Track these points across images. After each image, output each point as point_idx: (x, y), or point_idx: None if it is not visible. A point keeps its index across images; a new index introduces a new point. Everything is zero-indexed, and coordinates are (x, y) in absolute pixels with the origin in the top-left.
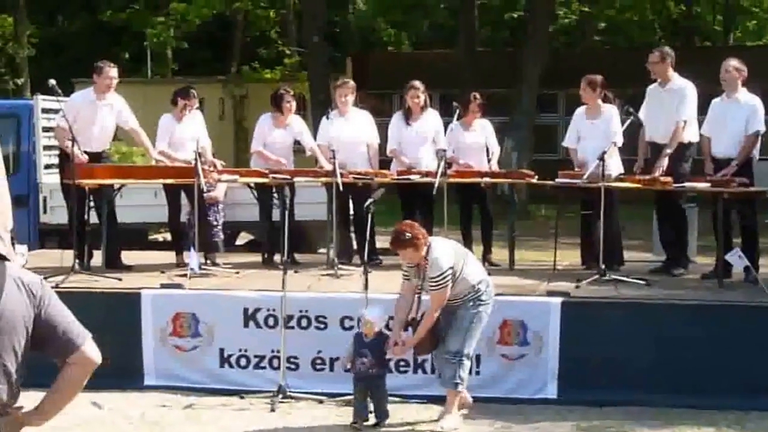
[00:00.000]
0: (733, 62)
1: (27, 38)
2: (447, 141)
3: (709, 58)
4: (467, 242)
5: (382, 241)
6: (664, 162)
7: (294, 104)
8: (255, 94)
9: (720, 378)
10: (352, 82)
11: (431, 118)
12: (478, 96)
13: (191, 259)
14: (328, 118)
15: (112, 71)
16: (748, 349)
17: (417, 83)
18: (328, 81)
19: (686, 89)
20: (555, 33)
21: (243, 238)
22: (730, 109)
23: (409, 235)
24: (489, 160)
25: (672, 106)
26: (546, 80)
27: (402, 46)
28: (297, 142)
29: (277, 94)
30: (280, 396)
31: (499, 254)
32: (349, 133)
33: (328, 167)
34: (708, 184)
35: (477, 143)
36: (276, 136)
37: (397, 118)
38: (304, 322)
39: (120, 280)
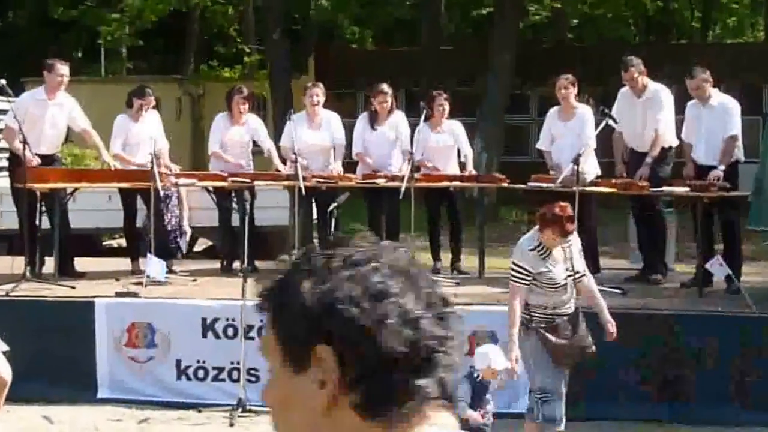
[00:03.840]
0: (696, 79)
1: None
2: (415, 143)
3: (686, 55)
4: (434, 248)
5: None
6: (646, 171)
7: (246, 105)
8: (213, 94)
9: (700, 389)
10: (321, 85)
11: (397, 120)
12: (443, 93)
13: (148, 266)
14: (290, 119)
15: (64, 69)
16: (728, 360)
17: (385, 87)
18: (288, 80)
19: (661, 94)
20: (525, 29)
21: (201, 245)
22: (704, 116)
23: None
24: (462, 164)
25: (649, 115)
26: (517, 80)
27: (366, 43)
28: (257, 144)
29: (229, 93)
30: (240, 410)
31: (468, 261)
32: (317, 138)
33: (284, 169)
34: (687, 189)
35: (446, 145)
36: (233, 134)
37: (362, 121)
38: None
39: (73, 288)
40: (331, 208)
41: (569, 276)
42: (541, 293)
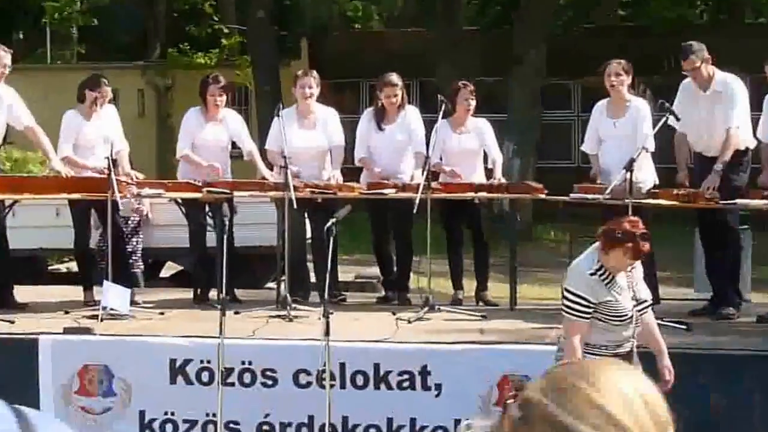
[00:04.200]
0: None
1: None
2: (432, 145)
3: (762, 38)
4: (455, 274)
5: (347, 272)
6: (716, 180)
7: (224, 98)
8: (184, 85)
9: None
10: (315, 74)
11: (410, 117)
12: (468, 84)
13: (105, 296)
14: (278, 116)
15: (5, 57)
16: None
17: (394, 78)
18: (276, 67)
19: (732, 86)
20: (566, 6)
21: (169, 269)
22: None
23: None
24: (490, 171)
25: (717, 112)
26: (555, 67)
27: (371, 22)
28: (237, 146)
29: (203, 83)
30: None
31: (497, 290)
32: (311, 140)
33: (270, 177)
34: (766, 201)
35: (470, 148)
36: (207, 133)
37: (367, 120)
38: (247, 378)
39: (12, 322)
40: (328, 224)
41: (635, 306)
42: (604, 328)
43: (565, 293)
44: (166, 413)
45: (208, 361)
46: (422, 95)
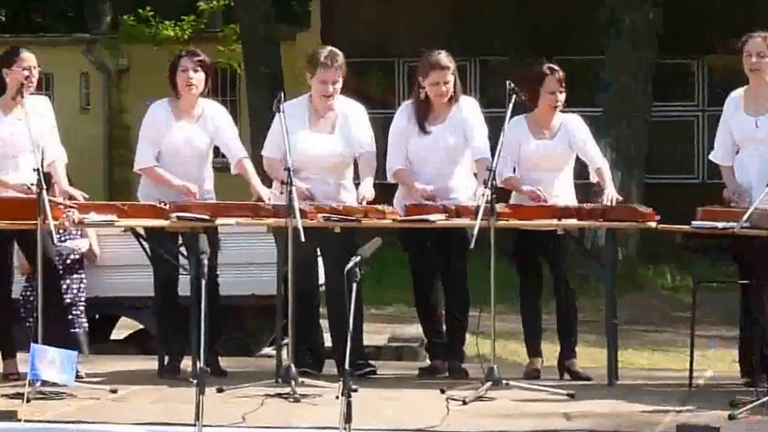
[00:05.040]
0: None
1: None
2: (498, 151)
3: None
4: (531, 335)
5: (377, 332)
6: None
7: (200, 75)
8: (144, 67)
9: None
10: (341, 58)
11: (467, 113)
12: (557, 69)
13: (34, 365)
14: (279, 110)
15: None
16: None
17: (444, 58)
18: (276, 41)
19: None
20: None
21: (124, 329)
22: None
23: None
24: (585, 185)
25: None
26: (670, 40)
27: None
28: (219, 152)
29: (173, 64)
30: None
31: (589, 357)
32: (327, 145)
33: (267, 197)
34: None
35: (557, 156)
36: (178, 135)
37: (404, 117)
38: None
39: None
40: (350, 265)
41: None
42: None
43: None
44: None
45: None
46: (482, 82)
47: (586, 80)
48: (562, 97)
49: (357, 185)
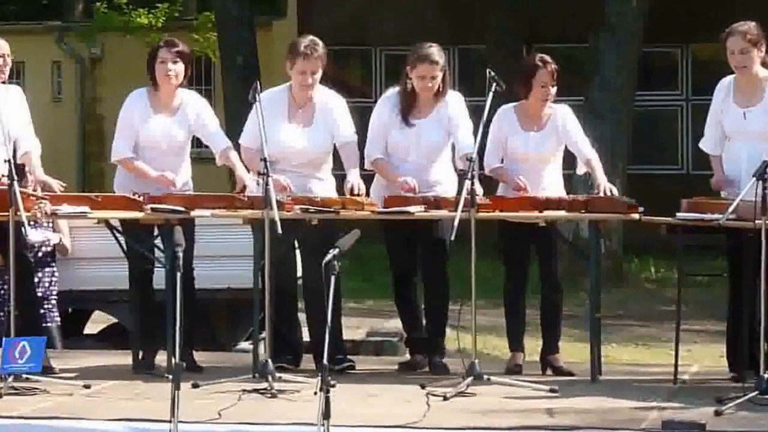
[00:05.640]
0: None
1: None
2: (478, 140)
3: None
4: (513, 328)
5: (355, 327)
6: None
7: (179, 65)
8: (118, 56)
9: None
10: (321, 48)
11: (452, 110)
12: (549, 61)
13: (5, 360)
14: (255, 100)
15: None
16: None
17: (435, 53)
18: (252, 29)
19: None
20: None
21: (97, 323)
22: None
23: None
24: (590, 177)
25: None
26: (655, 29)
27: None
28: (200, 142)
29: (152, 54)
30: None
31: (573, 352)
32: (306, 137)
33: (253, 186)
34: None
35: (547, 150)
36: (156, 127)
37: (388, 107)
38: None
39: None
40: (327, 258)
41: None
42: None
43: None
44: None
45: None
46: (461, 71)
47: (568, 69)
48: (553, 90)
49: (336, 177)
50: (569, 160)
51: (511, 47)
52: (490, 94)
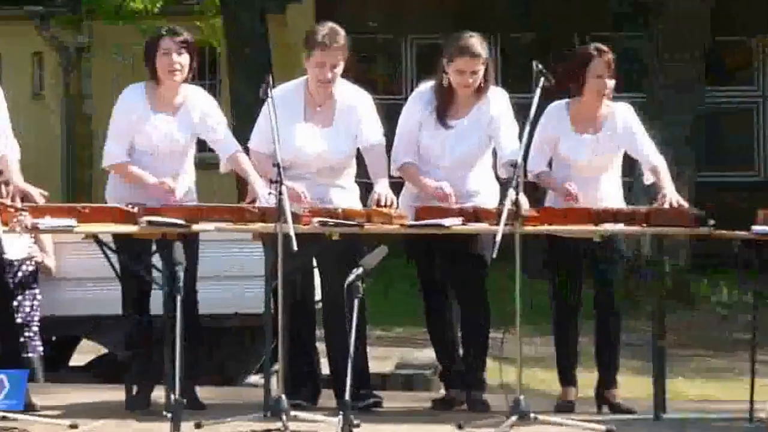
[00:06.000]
0: None
1: None
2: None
3: None
4: (563, 360)
5: (383, 357)
6: None
7: (184, 57)
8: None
9: None
10: (342, 36)
11: (495, 109)
12: (605, 50)
13: None
14: (267, 97)
15: None
16: None
17: (476, 43)
18: (262, 15)
19: None
20: None
21: (85, 353)
22: None
23: None
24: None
25: None
26: (724, 17)
27: None
28: (203, 145)
29: (150, 44)
30: None
31: (633, 386)
32: (326, 140)
33: (264, 197)
34: None
35: (606, 153)
36: (154, 129)
37: (420, 105)
38: None
39: None
40: (350, 278)
41: None
42: None
43: None
44: None
45: None
46: (503, 65)
47: (625, 62)
48: (611, 83)
49: (361, 185)
50: (627, 164)
51: (556, 37)
52: (538, 90)
